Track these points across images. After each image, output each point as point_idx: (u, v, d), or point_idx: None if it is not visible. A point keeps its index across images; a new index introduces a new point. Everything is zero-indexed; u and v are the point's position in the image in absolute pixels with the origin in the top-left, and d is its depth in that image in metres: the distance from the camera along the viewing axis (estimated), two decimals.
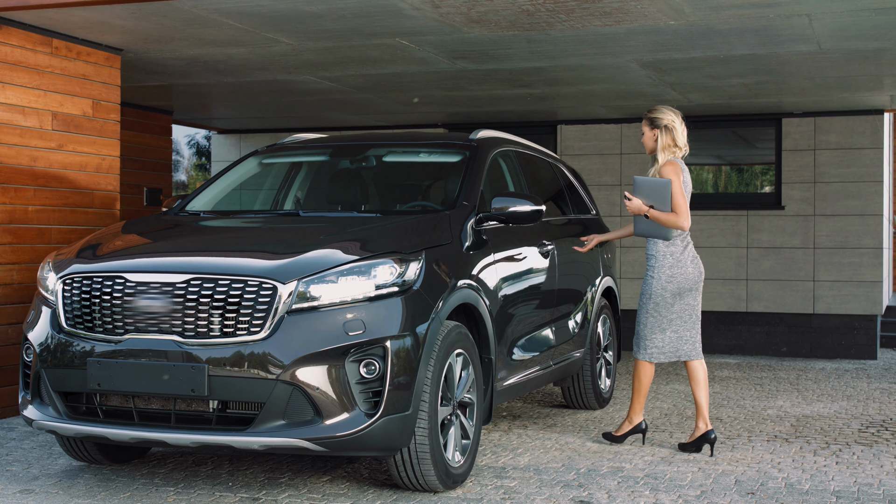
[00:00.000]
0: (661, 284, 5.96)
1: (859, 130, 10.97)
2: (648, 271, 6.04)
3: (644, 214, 5.93)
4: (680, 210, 5.88)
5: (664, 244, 5.98)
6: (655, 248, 6.02)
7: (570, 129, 11.93)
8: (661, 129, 6.04)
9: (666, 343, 6.01)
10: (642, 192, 5.95)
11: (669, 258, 5.97)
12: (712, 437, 5.99)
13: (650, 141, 6.10)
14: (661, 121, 6.04)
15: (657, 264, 5.99)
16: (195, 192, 6.33)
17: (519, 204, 5.60)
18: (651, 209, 5.90)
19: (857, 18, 6.81)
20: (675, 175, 5.94)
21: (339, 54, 8.10)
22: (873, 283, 10.95)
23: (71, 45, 7.42)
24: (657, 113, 6.08)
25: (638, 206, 5.93)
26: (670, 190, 5.87)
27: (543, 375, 6.41)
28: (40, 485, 5.17)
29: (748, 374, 9.67)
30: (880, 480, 5.37)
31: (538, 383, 6.38)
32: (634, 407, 6.17)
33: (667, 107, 6.12)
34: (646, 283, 6.04)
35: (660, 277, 5.96)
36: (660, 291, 5.96)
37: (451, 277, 5.06)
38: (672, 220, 5.88)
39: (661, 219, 5.89)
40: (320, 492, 5.02)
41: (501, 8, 6.56)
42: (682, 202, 5.90)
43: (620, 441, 6.17)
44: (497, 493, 5.01)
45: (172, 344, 4.57)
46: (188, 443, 4.60)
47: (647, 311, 6.02)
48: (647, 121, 6.11)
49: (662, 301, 5.96)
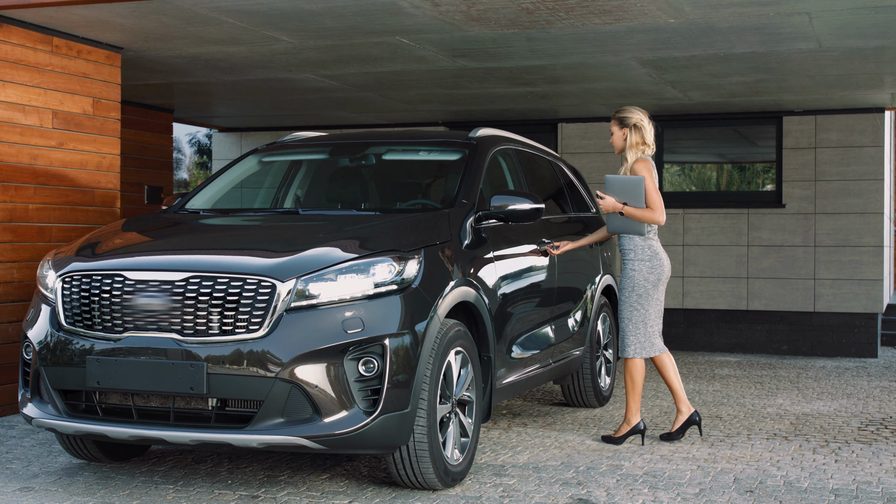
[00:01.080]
0: (644, 276, 6.09)
1: (860, 128, 10.97)
2: (627, 265, 6.16)
3: (619, 212, 6.04)
4: (655, 205, 6.03)
5: (640, 238, 6.12)
6: (632, 243, 6.14)
7: (570, 128, 11.93)
8: (630, 128, 6.21)
9: (648, 337, 6.14)
10: (614, 190, 6.08)
11: (647, 251, 6.12)
12: (697, 419, 6.22)
13: (619, 140, 6.26)
14: (630, 119, 6.20)
15: (636, 257, 6.12)
16: (195, 190, 6.33)
17: (518, 202, 5.61)
18: (625, 206, 6.02)
19: (856, 16, 6.80)
20: (648, 172, 6.10)
21: (339, 53, 8.10)
22: (874, 282, 10.95)
23: (71, 43, 7.42)
24: (626, 113, 6.24)
25: (612, 203, 6.05)
26: (643, 187, 6.01)
27: (543, 374, 6.41)
28: (40, 482, 5.18)
29: (748, 373, 9.67)
30: (879, 479, 5.37)
31: (538, 381, 6.38)
32: (631, 407, 6.19)
33: (635, 107, 6.29)
34: (627, 278, 6.14)
35: (641, 269, 6.10)
36: (642, 283, 6.09)
37: (450, 275, 5.06)
38: (648, 216, 6.03)
39: (636, 215, 6.03)
40: (319, 489, 5.03)
41: (501, 6, 6.56)
42: (656, 197, 6.05)
43: (619, 443, 6.18)
44: (496, 491, 5.01)
45: (171, 342, 4.57)
46: (187, 441, 4.61)
47: (630, 304, 6.12)
48: (616, 120, 6.27)
49: (645, 293, 6.10)
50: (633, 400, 6.18)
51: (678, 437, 6.25)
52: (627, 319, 6.13)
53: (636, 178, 6.05)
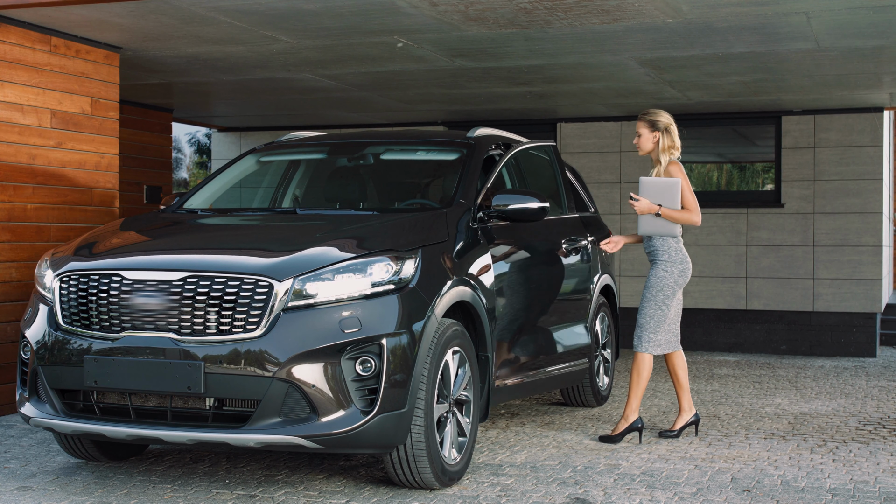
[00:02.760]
0: (674, 278, 6.17)
1: (859, 128, 10.97)
2: (660, 266, 6.18)
3: (655, 213, 6.08)
4: (692, 207, 6.14)
5: (673, 240, 6.18)
6: (666, 244, 6.19)
7: (569, 127, 11.93)
8: (661, 132, 6.23)
9: (666, 335, 6.21)
10: (648, 192, 6.12)
11: (679, 253, 6.21)
12: (697, 419, 6.44)
13: (649, 143, 6.26)
14: (661, 122, 6.23)
15: (669, 259, 6.17)
16: (193, 189, 6.34)
17: (524, 201, 5.61)
18: (661, 208, 6.07)
19: (854, 16, 6.81)
20: (682, 174, 6.19)
21: (337, 52, 8.10)
22: (873, 281, 10.95)
23: (70, 42, 7.43)
24: (657, 116, 6.25)
25: (647, 205, 6.08)
26: (679, 189, 6.08)
27: (547, 380, 6.41)
28: (38, 482, 5.18)
29: (747, 372, 9.67)
30: (876, 478, 5.38)
31: (542, 386, 6.37)
32: (632, 403, 6.20)
33: (660, 110, 6.31)
34: (657, 277, 6.17)
35: (672, 272, 6.17)
36: (672, 285, 6.16)
37: (448, 275, 5.07)
38: (686, 217, 6.12)
39: (675, 216, 6.09)
40: (317, 489, 5.03)
41: (499, 6, 6.56)
42: (692, 199, 6.16)
43: (617, 441, 6.19)
44: (493, 491, 5.01)
45: (169, 341, 4.58)
46: (185, 440, 4.61)
47: (656, 303, 6.16)
48: (647, 123, 6.25)
49: (672, 294, 6.18)
50: (636, 395, 6.20)
51: (675, 435, 6.29)
52: (649, 317, 6.17)
53: (673, 181, 6.10)
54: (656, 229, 6.14)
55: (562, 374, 6.67)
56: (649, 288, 6.19)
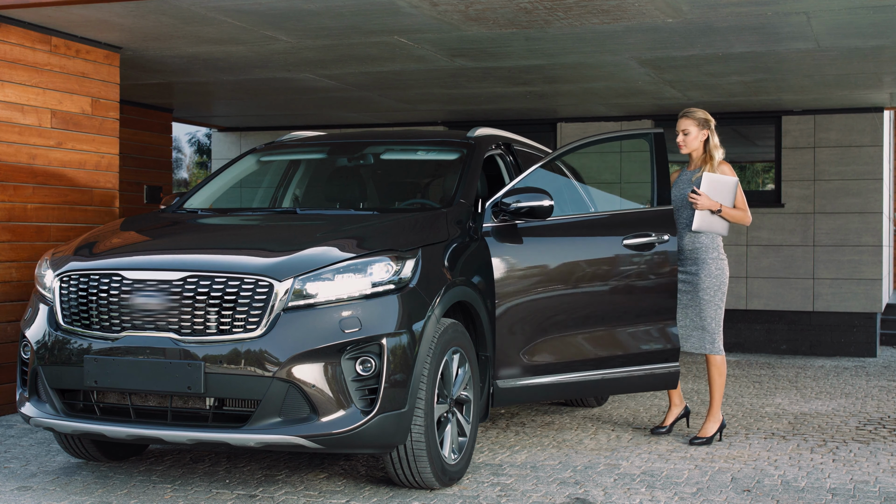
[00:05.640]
0: (726, 275, 6.22)
1: (859, 128, 10.97)
2: (711, 264, 6.15)
3: (716, 210, 6.09)
4: (745, 206, 6.22)
5: (720, 238, 6.22)
6: (714, 242, 6.20)
7: (570, 127, 11.93)
8: (710, 130, 6.26)
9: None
10: (711, 188, 6.13)
11: (724, 252, 6.26)
12: (688, 412, 6.58)
13: (696, 141, 6.27)
14: (710, 121, 6.27)
15: (720, 256, 6.21)
16: (193, 189, 6.34)
17: (534, 199, 5.58)
18: (722, 206, 6.11)
19: (854, 16, 6.81)
20: (733, 173, 6.25)
21: (337, 52, 8.11)
22: (873, 281, 10.95)
23: (70, 42, 7.43)
24: (704, 114, 6.28)
25: (709, 202, 6.09)
26: (736, 188, 6.15)
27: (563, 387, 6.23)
28: (38, 482, 5.18)
29: (747, 372, 9.67)
30: (876, 478, 5.38)
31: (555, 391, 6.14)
32: (719, 403, 6.24)
33: (699, 108, 6.35)
34: (713, 277, 6.14)
35: (724, 269, 6.21)
36: (725, 281, 6.21)
37: (448, 275, 5.06)
38: (741, 217, 6.20)
39: (734, 215, 6.15)
40: (317, 489, 5.03)
41: (499, 6, 6.56)
42: (744, 199, 6.23)
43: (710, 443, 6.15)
44: (493, 491, 5.01)
45: (169, 341, 4.57)
46: (185, 440, 4.61)
47: (715, 304, 6.17)
48: (696, 121, 6.26)
49: (727, 290, 6.23)
50: (721, 396, 6.25)
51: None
52: (712, 318, 6.15)
53: (732, 180, 6.15)
54: (711, 227, 6.14)
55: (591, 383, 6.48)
56: (707, 288, 6.12)
